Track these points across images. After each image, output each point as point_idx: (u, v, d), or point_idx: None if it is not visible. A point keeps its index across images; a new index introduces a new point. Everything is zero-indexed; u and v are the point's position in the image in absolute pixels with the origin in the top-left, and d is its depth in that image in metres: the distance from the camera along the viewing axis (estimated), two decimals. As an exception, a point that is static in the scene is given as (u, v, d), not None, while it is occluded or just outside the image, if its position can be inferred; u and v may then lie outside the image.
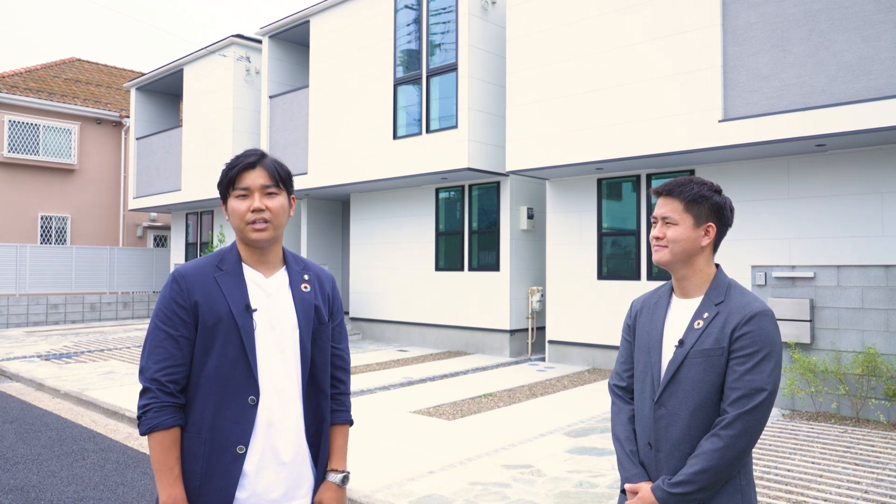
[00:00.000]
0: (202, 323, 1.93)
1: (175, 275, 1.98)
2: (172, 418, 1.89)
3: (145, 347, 1.95)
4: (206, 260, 2.02)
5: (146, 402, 1.89)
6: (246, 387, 1.93)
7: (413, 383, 9.11)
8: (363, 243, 14.12)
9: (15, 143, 19.24)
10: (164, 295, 1.97)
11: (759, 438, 4.28)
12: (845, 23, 7.30)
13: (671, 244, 2.07)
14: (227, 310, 1.93)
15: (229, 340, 1.93)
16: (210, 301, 1.93)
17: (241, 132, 15.78)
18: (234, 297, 1.95)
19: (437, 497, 4.65)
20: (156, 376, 1.89)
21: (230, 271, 1.99)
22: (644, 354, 2.15)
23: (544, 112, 10.01)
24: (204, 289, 1.95)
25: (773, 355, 1.94)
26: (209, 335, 1.92)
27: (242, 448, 1.91)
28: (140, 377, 1.93)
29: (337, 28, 13.39)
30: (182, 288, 1.94)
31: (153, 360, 1.91)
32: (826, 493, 4.66)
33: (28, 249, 17.52)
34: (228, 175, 2.00)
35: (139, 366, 1.96)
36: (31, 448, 6.15)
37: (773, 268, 7.38)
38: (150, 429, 1.87)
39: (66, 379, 9.26)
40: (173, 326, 1.92)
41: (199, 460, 1.90)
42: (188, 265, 2.02)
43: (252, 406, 1.93)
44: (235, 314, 1.94)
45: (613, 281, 10.27)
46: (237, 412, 1.91)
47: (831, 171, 8.25)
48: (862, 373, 6.63)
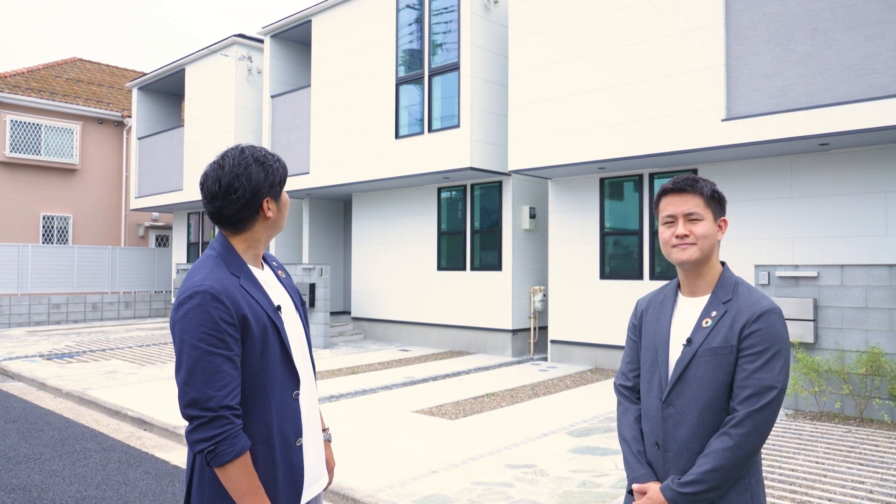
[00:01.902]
0: (251, 335, 1.87)
1: (212, 293, 1.81)
2: (246, 438, 1.82)
3: (196, 375, 1.77)
4: (220, 271, 1.91)
5: (220, 431, 1.75)
6: (291, 383, 1.98)
7: (415, 383, 9.10)
8: (365, 243, 14.11)
9: (17, 142, 19.25)
10: (205, 316, 1.79)
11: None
12: (849, 21, 7.28)
13: (700, 240, 2.02)
14: (266, 316, 1.93)
15: (273, 344, 1.93)
16: (254, 312, 1.89)
17: (243, 132, 15.77)
18: (265, 302, 1.95)
19: (440, 497, 4.64)
20: (225, 403, 1.77)
21: (244, 276, 1.96)
22: (651, 354, 2.13)
23: (546, 111, 9.99)
24: (245, 301, 1.89)
25: (782, 353, 1.93)
26: (259, 345, 1.89)
27: (300, 441, 1.98)
28: (196, 409, 1.76)
29: (339, 27, 13.38)
30: (228, 305, 1.82)
31: (215, 388, 1.76)
32: (830, 493, 4.64)
33: (30, 249, 17.52)
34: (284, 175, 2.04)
35: (188, 397, 1.77)
36: (33, 447, 6.14)
37: (776, 267, 7.36)
38: (237, 455, 1.77)
39: (68, 378, 9.25)
40: (227, 347, 1.80)
41: (272, 467, 1.90)
42: (216, 280, 1.86)
43: (296, 400, 2.00)
44: (272, 317, 1.95)
45: (616, 280, 10.26)
46: (289, 409, 1.97)
47: (835, 171, 8.23)
48: (866, 372, 6.61)
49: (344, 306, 15.89)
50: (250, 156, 1.96)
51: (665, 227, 2.09)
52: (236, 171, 1.92)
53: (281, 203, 2.03)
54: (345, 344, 13.18)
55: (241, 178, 1.92)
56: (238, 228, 1.98)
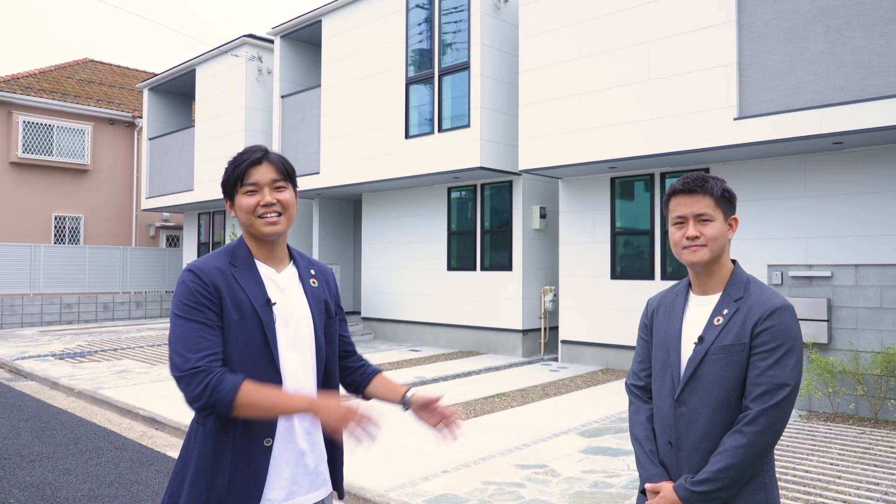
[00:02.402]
0: (226, 317, 1.89)
1: (192, 269, 1.91)
2: (237, 375, 1.81)
3: (176, 343, 1.82)
4: (217, 256, 1.98)
5: (205, 379, 1.76)
6: (270, 380, 1.92)
7: (425, 383, 9.09)
8: (375, 243, 14.12)
9: (29, 143, 19.39)
10: (185, 289, 1.88)
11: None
12: (862, 19, 7.22)
13: (711, 242, 2.01)
14: (248, 304, 1.91)
15: (253, 335, 1.91)
16: (233, 295, 1.91)
17: (254, 132, 15.82)
18: (253, 292, 1.94)
19: (452, 496, 4.62)
20: (200, 363, 1.79)
21: (244, 267, 1.97)
22: (662, 352, 2.12)
23: (557, 111, 9.96)
24: (225, 282, 1.91)
25: (795, 350, 1.92)
26: (234, 329, 1.89)
27: (269, 441, 1.90)
28: (177, 371, 1.79)
29: (349, 27, 13.40)
30: (204, 280, 1.88)
31: (192, 350, 1.80)
32: (845, 495, 4.60)
33: (42, 249, 17.64)
34: (235, 171, 1.98)
35: (172, 363, 1.82)
36: (46, 446, 6.17)
37: (789, 267, 7.31)
38: (233, 389, 1.77)
39: (81, 378, 9.30)
40: (203, 316, 1.84)
41: (227, 455, 1.86)
42: (201, 261, 1.96)
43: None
44: (258, 308, 1.92)
45: (627, 280, 10.21)
46: None
47: (849, 170, 8.16)
48: (881, 373, 6.55)
49: (354, 306, 15.91)
50: (234, 155, 2.04)
51: (675, 227, 2.08)
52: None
53: (236, 206, 2.01)
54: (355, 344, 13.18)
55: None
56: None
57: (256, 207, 1.96)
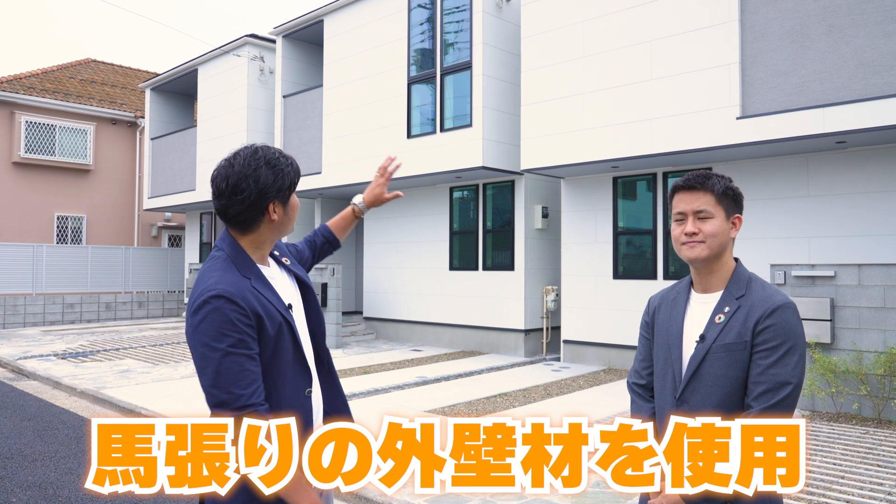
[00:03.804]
0: (266, 334, 1.88)
1: (226, 296, 1.81)
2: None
3: (221, 376, 1.77)
4: (231, 274, 1.90)
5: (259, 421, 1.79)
6: (304, 381, 1.98)
7: (427, 383, 9.08)
8: (377, 243, 14.11)
9: (31, 143, 19.40)
10: (223, 318, 1.79)
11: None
12: (866, 18, 7.19)
13: (709, 238, 2.01)
14: (279, 315, 1.93)
15: (286, 342, 1.94)
16: (268, 312, 1.90)
17: (255, 132, 15.83)
18: (277, 302, 1.95)
19: (454, 496, 4.61)
20: (252, 401, 1.78)
21: (255, 277, 1.95)
22: (664, 351, 2.12)
23: (559, 110, 9.95)
24: (258, 302, 1.88)
25: (797, 348, 1.91)
26: (273, 344, 1.90)
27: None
28: (226, 410, 1.76)
29: (351, 27, 13.40)
30: (243, 307, 1.83)
31: (242, 387, 1.77)
32: (848, 495, 4.58)
33: (44, 249, 17.66)
34: (295, 178, 2.02)
35: (219, 399, 1.77)
36: (48, 445, 6.17)
37: (792, 266, 7.29)
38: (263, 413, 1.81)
39: (83, 377, 9.31)
40: (247, 346, 1.81)
41: None
42: (227, 283, 1.85)
43: (308, 397, 2.00)
44: (286, 316, 1.95)
45: (629, 280, 10.20)
46: (300, 406, 1.96)
47: (852, 169, 8.14)
48: (884, 373, 6.52)
49: (356, 306, 15.91)
50: (262, 157, 1.93)
51: (676, 223, 2.09)
52: (245, 172, 1.90)
53: (289, 207, 2.01)
54: (357, 344, 13.19)
55: (248, 179, 1.90)
56: (244, 229, 1.96)
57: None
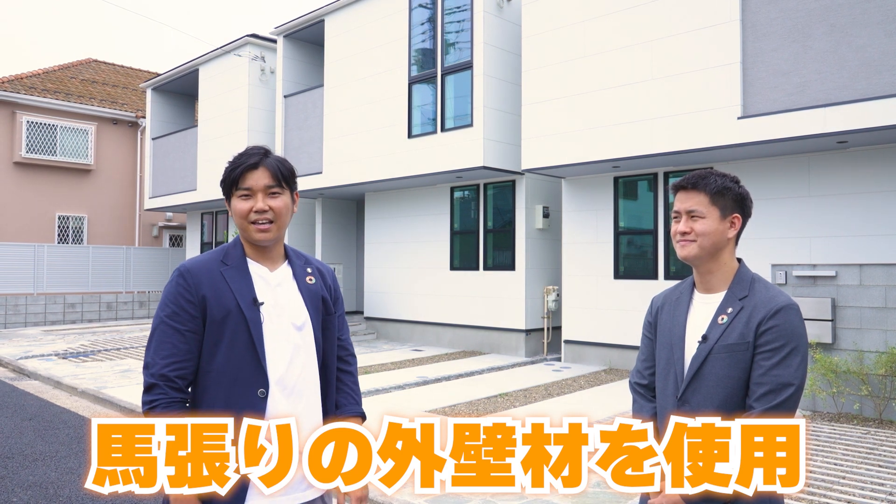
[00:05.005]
0: (210, 317, 1.93)
1: (181, 270, 1.96)
2: (178, 412, 1.87)
3: (151, 343, 1.93)
4: (211, 255, 2.03)
5: (153, 398, 1.86)
6: (255, 380, 1.93)
7: (428, 382, 9.08)
8: (378, 242, 14.11)
9: (33, 143, 19.41)
10: (169, 290, 1.95)
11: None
12: (867, 17, 7.19)
13: (700, 238, 2.02)
14: (234, 304, 1.94)
15: (238, 334, 1.93)
16: (218, 295, 1.94)
17: (256, 132, 15.83)
18: (240, 291, 1.96)
19: (454, 496, 4.61)
20: (163, 371, 1.87)
21: (235, 266, 2.00)
22: (666, 351, 2.11)
23: (560, 110, 9.94)
24: (211, 283, 1.94)
25: (799, 349, 1.91)
26: (218, 330, 1.93)
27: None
28: (145, 373, 1.90)
29: (351, 27, 13.40)
30: (189, 283, 1.93)
31: (160, 356, 1.88)
32: (849, 496, 4.58)
33: (45, 249, 17.67)
34: (231, 175, 2.01)
35: (144, 361, 1.93)
36: (49, 445, 6.18)
37: (793, 266, 7.28)
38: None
39: (84, 377, 9.31)
40: (181, 321, 1.91)
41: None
42: (193, 261, 2.01)
43: (262, 399, 1.94)
44: (243, 308, 1.94)
45: (630, 280, 10.19)
46: (247, 406, 1.91)
47: (853, 169, 8.13)
48: (885, 373, 6.52)
49: (357, 306, 15.91)
50: (235, 157, 2.06)
51: (673, 222, 2.11)
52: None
53: (231, 209, 2.05)
54: (357, 344, 13.19)
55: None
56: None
57: (249, 213, 1.99)
